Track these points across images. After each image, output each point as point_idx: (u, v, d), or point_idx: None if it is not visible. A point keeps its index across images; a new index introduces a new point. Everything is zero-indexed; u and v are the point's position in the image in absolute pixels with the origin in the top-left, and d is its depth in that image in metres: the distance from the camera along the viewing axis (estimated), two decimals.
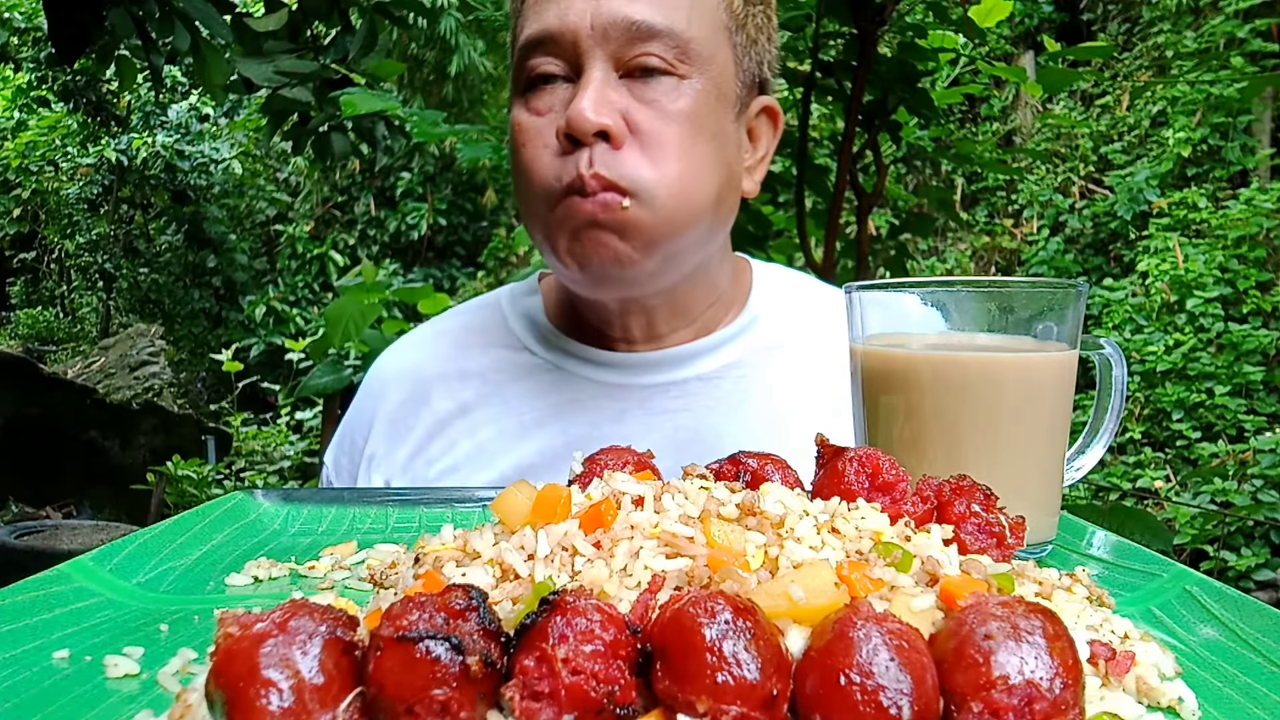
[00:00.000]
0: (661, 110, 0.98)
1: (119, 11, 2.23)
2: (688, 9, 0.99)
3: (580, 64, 0.98)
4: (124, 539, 0.69)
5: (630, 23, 0.97)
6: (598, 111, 0.95)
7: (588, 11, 0.97)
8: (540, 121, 1.01)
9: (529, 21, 1.02)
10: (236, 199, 10.62)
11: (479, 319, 1.23)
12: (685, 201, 1.00)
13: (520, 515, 0.56)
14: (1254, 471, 4.88)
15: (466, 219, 10.54)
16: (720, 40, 1.03)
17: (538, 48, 1.00)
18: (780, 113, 1.15)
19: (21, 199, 10.22)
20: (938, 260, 7.99)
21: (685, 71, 0.99)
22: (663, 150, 0.98)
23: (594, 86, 0.96)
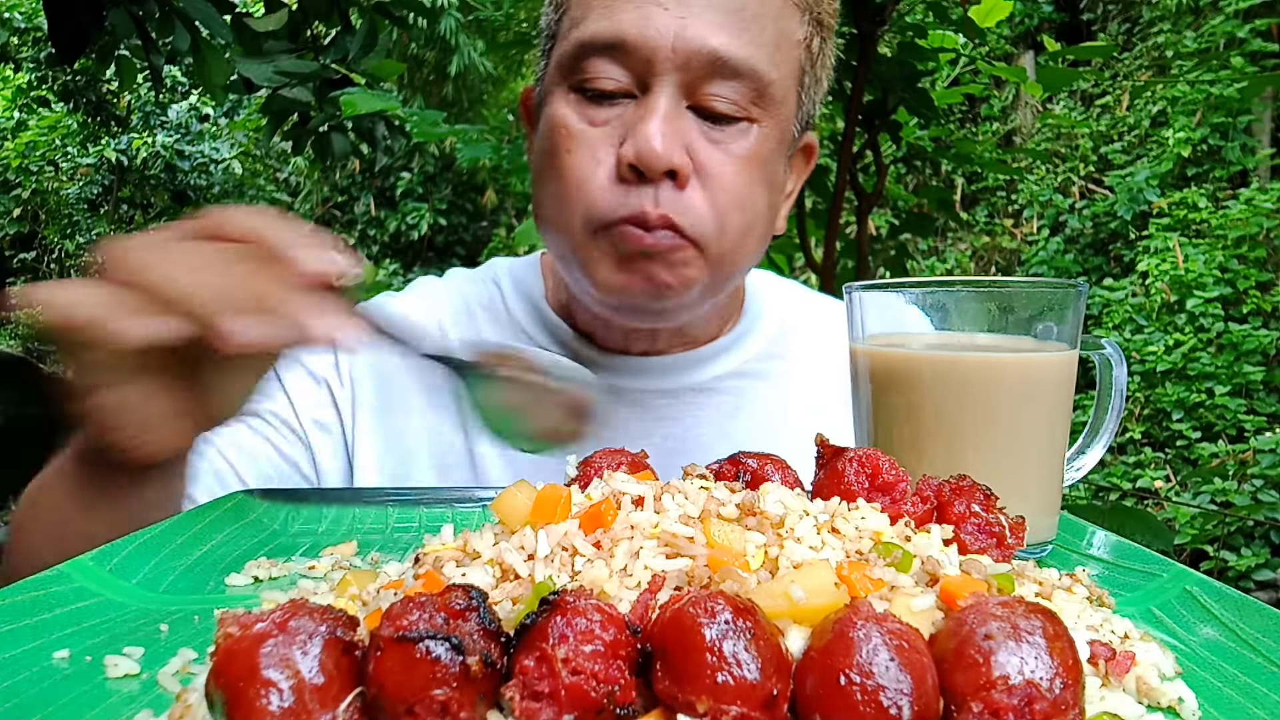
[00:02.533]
0: (726, 152, 0.93)
1: (119, 11, 2.23)
2: (772, 46, 0.93)
3: (649, 82, 0.91)
4: (124, 539, 0.69)
5: (715, 56, 0.90)
6: (668, 147, 0.89)
7: (671, 30, 0.89)
8: (594, 133, 0.93)
9: (596, 14, 0.93)
10: (236, 199, 10.61)
11: (478, 291, 1.18)
12: (739, 249, 0.97)
13: (520, 515, 0.56)
14: (1254, 471, 4.88)
15: (466, 219, 10.54)
16: (793, 82, 0.98)
17: (604, 50, 0.92)
18: (816, 149, 1.12)
19: (21, 199, 10.22)
20: (938, 260, 7.99)
21: (756, 115, 0.94)
22: (726, 196, 0.93)
23: (664, 115, 0.90)
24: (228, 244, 0.68)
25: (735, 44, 0.91)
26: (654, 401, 1.10)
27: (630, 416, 1.10)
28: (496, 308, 1.16)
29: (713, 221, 0.93)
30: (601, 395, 0.77)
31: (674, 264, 0.94)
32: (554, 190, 0.97)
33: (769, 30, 0.93)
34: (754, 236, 0.99)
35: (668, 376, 1.11)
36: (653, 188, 0.91)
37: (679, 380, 1.11)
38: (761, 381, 1.15)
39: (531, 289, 1.16)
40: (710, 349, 1.13)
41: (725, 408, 1.12)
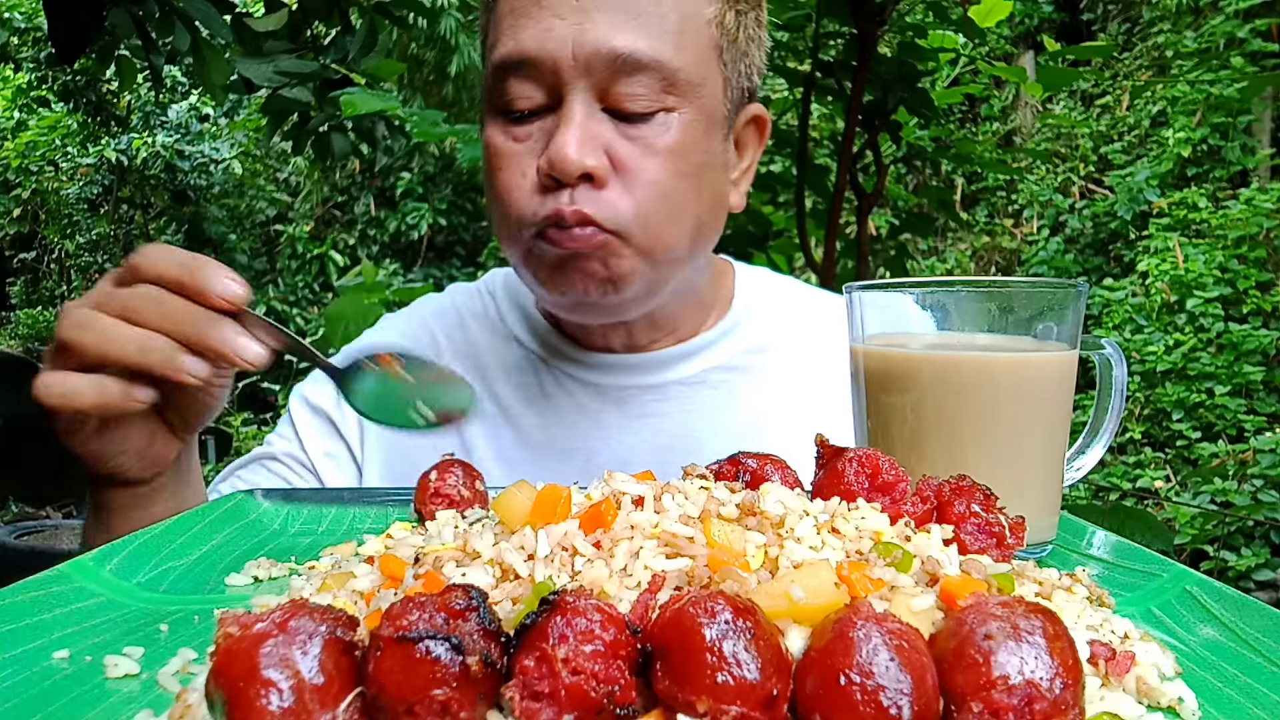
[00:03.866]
0: (647, 146, 0.94)
1: (119, 11, 2.23)
2: (675, 33, 0.94)
3: (560, 93, 0.93)
4: (124, 539, 0.69)
5: (615, 55, 0.91)
6: (581, 153, 0.91)
7: (569, 39, 0.91)
8: (518, 148, 0.97)
9: (504, 37, 0.95)
10: (236, 199, 10.61)
11: (472, 302, 1.23)
12: (665, 238, 0.97)
13: (520, 515, 0.56)
14: (1254, 471, 4.88)
15: (466, 219, 10.54)
16: (710, 62, 0.98)
17: (514, 69, 0.95)
18: (768, 119, 1.12)
19: (21, 199, 10.22)
20: (938, 260, 7.99)
21: (672, 104, 0.95)
22: (646, 188, 0.94)
23: (576, 123, 0.91)
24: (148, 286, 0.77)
25: (635, 39, 0.92)
26: (640, 397, 1.11)
27: (618, 413, 1.11)
28: (490, 316, 1.20)
29: (632, 212, 0.94)
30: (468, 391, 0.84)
31: (604, 259, 0.95)
32: (494, 208, 1.02)
33: (670, 17, 0.94)
34: (684, 221, 0.99)
35: (653, 372, 1.12)
36: (569, 191, 0.93)
37: (663, 375, 1.12)
38: (751, 375, 1.15)
39: (522, 296, 1.19)
40: (695, 343, 1.14)
41: (714, 402, 1.13)
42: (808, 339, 1.18)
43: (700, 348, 1.14)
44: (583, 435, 1.10)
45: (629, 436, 1.10)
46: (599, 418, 1.11)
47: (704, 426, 1.10)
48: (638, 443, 1.09)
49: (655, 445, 1.08)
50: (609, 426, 1.10)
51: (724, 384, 1.14)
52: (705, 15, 0.97)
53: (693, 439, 1.09)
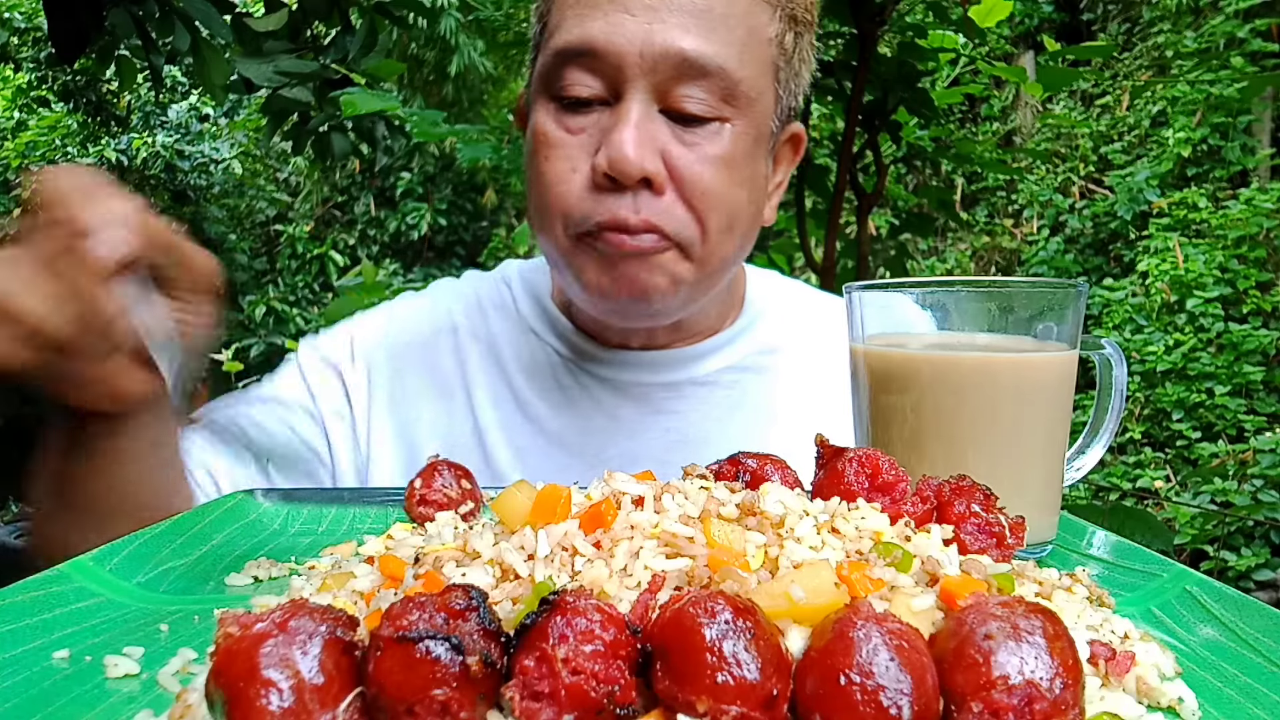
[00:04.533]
0: (701, 154, 0.94)
1: (119, 11, 2.23)
2: (741, 45, 0.94)
3: (620, 90, 0.93)
4: (124, 539, 0.69)
5: (682, 57, 0.91)
6: (640, 154, 0.90)
7: (638, 36, 0.91)
8: (571, 140, 0.95)
9: (569, 23, 0.94)
10: (236, 199, 10.61)
11: (491, 291, 1.22)
12: (721, 249, 0.98)
13: (520, 515, 0.56)
14: (1254, 471, 4.88)
15: (466, 219, 10.54)
16: (767, 79, 0.99)
17: (576, 58, 0.94)
18: (804, 137, 1.12)
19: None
20: (938, 260, 7.99)
21: (728, 114, 0.95)
22: (704, 199, 0.94)
23: (634, 122, 0.91)
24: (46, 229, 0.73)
25: (703, 45, 0.91)
26: (655, 394, 1.12)
27: (632, 409, 1.11)
28: (506, 305, 1.19)
29: (694, 225, 0.95)
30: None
31: (658, 265, 0.96)
32: (536, 197, 1.00)
33: (737, 30, 0.94)
34: (736, 234, 1.00)
35: (668, 370, 1.12)
36: (630, 195, 0.92)
37: (679, 374, 1.13)
38: (761, 375, 1.16)
39: (539, 288, 1.19)
40: (710, 343, 1.14)
41: (726, 400, 1.13)
42: (815, 340, 1.19)
43: (715, 347, 1.15)
44: (598, 430, 1.11)
45: (644, 432, 1.10)
46: (615, 413, 1.11)
47: (716, 427, 1.11)
48: (652, 440, 1.10)
49: (667, 443, 1.09)
50: (625, 422, 1.11)
51: (737, 384, 1.14)
52: (768, 33, 0.98)
53: (706, 437, 1.10)
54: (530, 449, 1.10)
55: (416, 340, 1.17)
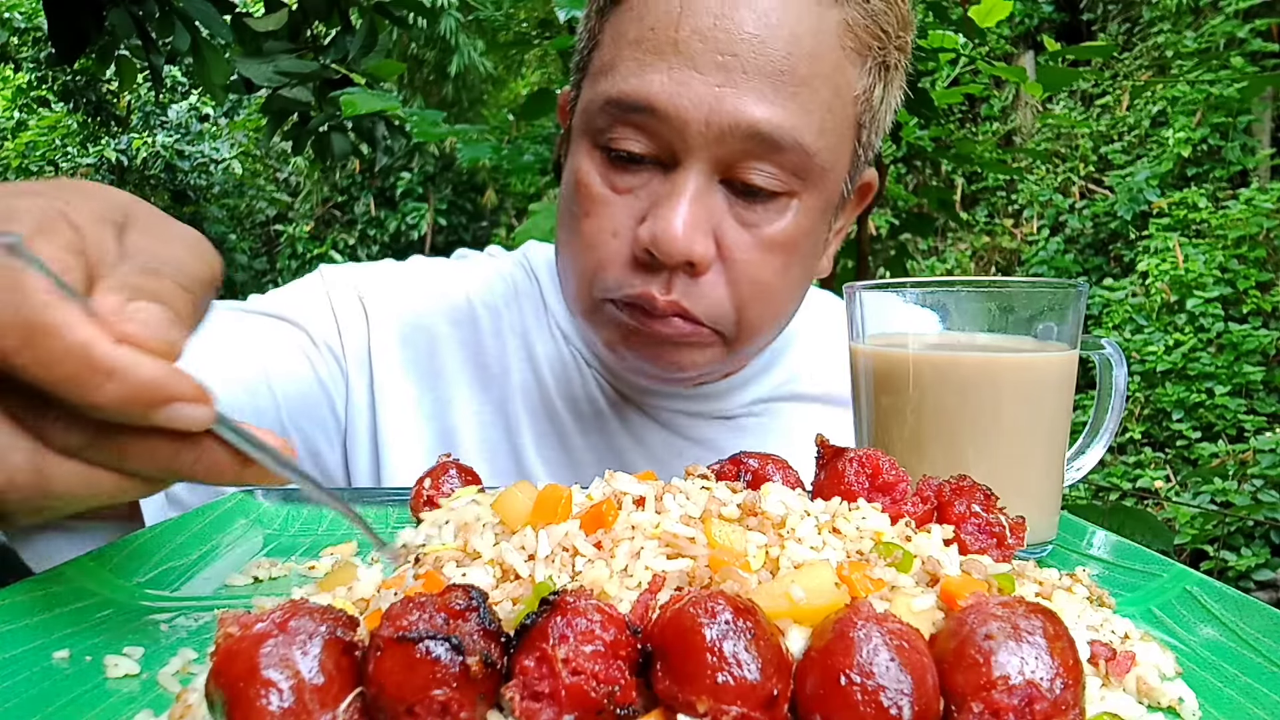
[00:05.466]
0: (759, 237, 0.85)
1: (119, 11, 2.23)
2: (823, 111, 0.82)
3: (679, 156, 0.82)
4: (124, 539, 0.69)
5: (754, 131, 0.80)
6: (690, 237, 0.80)
7: (706, 101, 0.79)
8: (616, 201, 0.86)
9: (627, 71, 0.82)
10: (236, 199, 10.62)
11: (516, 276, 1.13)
12: (757, 332, 0.91)
13: (520, 515, 0.56)
14: (1254, 471, 4.88)
15: (466, 219, 10.54)
16: (846, 142, 0.88)
17: (631, 112, 0.82)
18: (875, 184, 1.02)
19: None
20: (938, 260, 7.99)
21: (797, 189, 0.84)
22: (749, 286, 0.86)
23: (689, 199, 0.81)
24: None
25: (779, 115, 0.80)
26: (683, 422, 1.07)
27: (659, 435, 1.07)
28: (535, 298, 1.10)
29: (731, 311, 0.87)
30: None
31: (685, 347, 0.89)
32: (569, 248, 0.92)
33: (821, 92, 0.83)
34: (778, 313, 0.93)
35: (698, 401, 1.07)
36: (666, 273, 0.84)
37: (710, 406, 1.08)
38: (795, 404, 1.12)
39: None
40: (741, 377, 1.09)
41: (758, 432, 1.09)
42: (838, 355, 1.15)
43: (746, 380, 1.09)
44: (620, 448, 1.05)
45: (672, 460, 1.05)
46: (642, 437, 1.06)
47: None
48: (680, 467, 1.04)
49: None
50: (650, 447, 1.06)
51: (770, 413, 1.10)
52: (855, 91, 0.87)
53: None
54: (556, 462, 1.05)
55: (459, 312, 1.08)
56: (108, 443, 0.47)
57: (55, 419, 0.46)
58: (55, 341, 0.43)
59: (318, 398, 0.99)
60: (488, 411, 1.06)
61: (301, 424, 0.99)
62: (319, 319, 1.01)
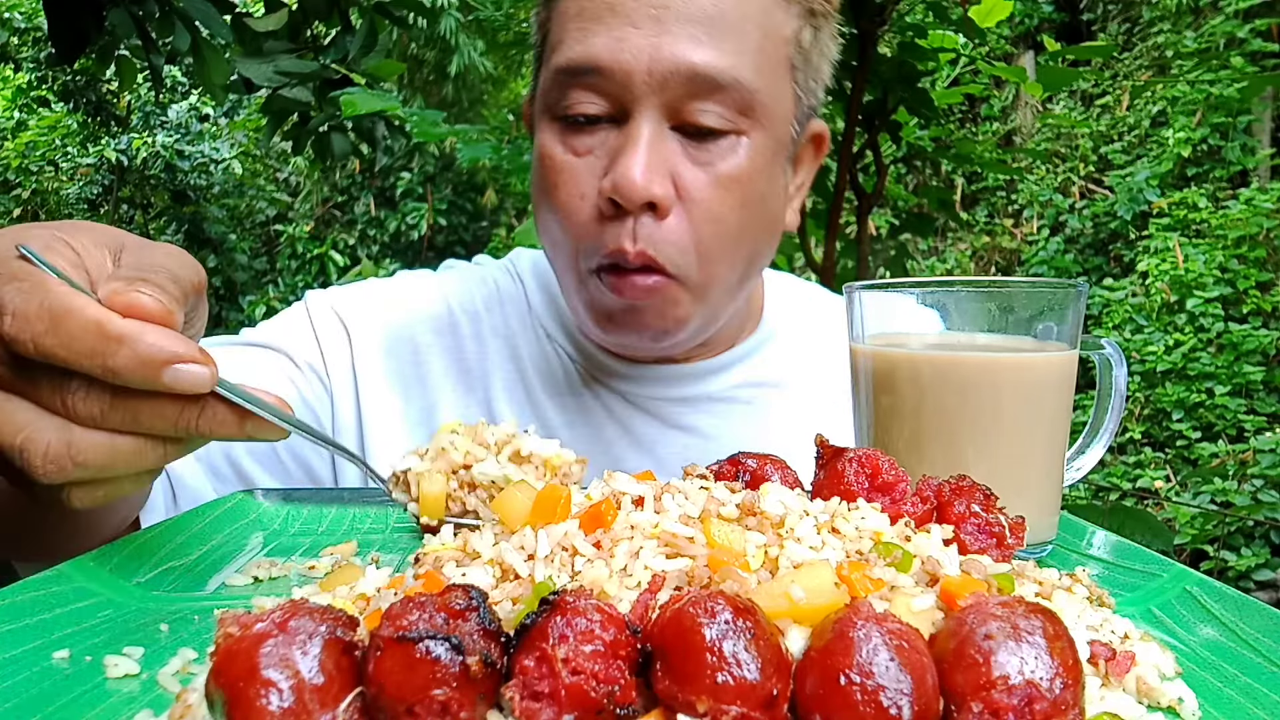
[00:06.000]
0: (714, 174, 0.90)
1: (119, 11, 2.23)
2: (756, 51, 0.89)
3: (629, 108, 0.88)
4: (124, 539, 0.69)
5: (694, 72, 0.86)
6: (648, 179, 0.86)
7: (645, 51, 0.85)
8: (578, 164, 0.91)
9: (571, 40, 0.89)
10: (236, 199, 10.62)
11: (505, 282, 1.17)
12: (722, 276, 0.95)
13: (520, 515, 0.56)
14: (1254, 471, 4.88)
15: (466, 219, 10.54)
16: (784, 83, 0.93)
17: (580, 75, 0.89)
18: (827, 135, 1.07)
19: (21, 199, 10.22)
20: (938, 260, 7.99)
21: (745, 127, 0.90)
22: (709, 224, 0.90)
23: (644, 144, 0.86)
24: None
25: (715, 56, 0.86)
26: (670, 409, 1.09)
27: (647, 424, 1.08)
28: (519, 301, 1.15)
29: (692, 252, 0.91)
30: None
31: (662, 307, 0.93)
32: (546, 222, 0.97)
33: (752, 35, 0.89)
34: (738, 259, 0.96)
35: (683, 385, 1.09)
36: (631, 220, 0.88)
37: (696, 389, 1.10)
38: (781, 390, 1.13)
39: (552, 287, 1.15)
40: (728, 357, 1.11)
41: (744, 416, 1.10)
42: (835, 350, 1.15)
43: (732, 362, 1.11)
44: (611, 442, 1.08)
45: (660, 447, 1.07)
46: (629, 427, 1.08)
47: (736, 441, 1.08)
48: (668, 455, 1.07)
49: (686, 459, 1.05)
50: (640, 435, 1.08)
51: (755, 399, 1.12)
52: (784, 33, 0.93)
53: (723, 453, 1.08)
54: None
55: (440, 320, 1.12)
56: (123, 407, 0.55)
57: (75, 390, 0.55)
58: (74, 320, 0.52)
59: (303, 417, 1.04)
60: (473, 413, 1.08)
61: (290, 441, 1.02)
62: (301, 342, 1.07)
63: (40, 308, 0.53)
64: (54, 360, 0.53)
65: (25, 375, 0.55)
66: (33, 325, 0.53)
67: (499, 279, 1.17)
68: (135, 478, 0.61)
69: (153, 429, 0.57)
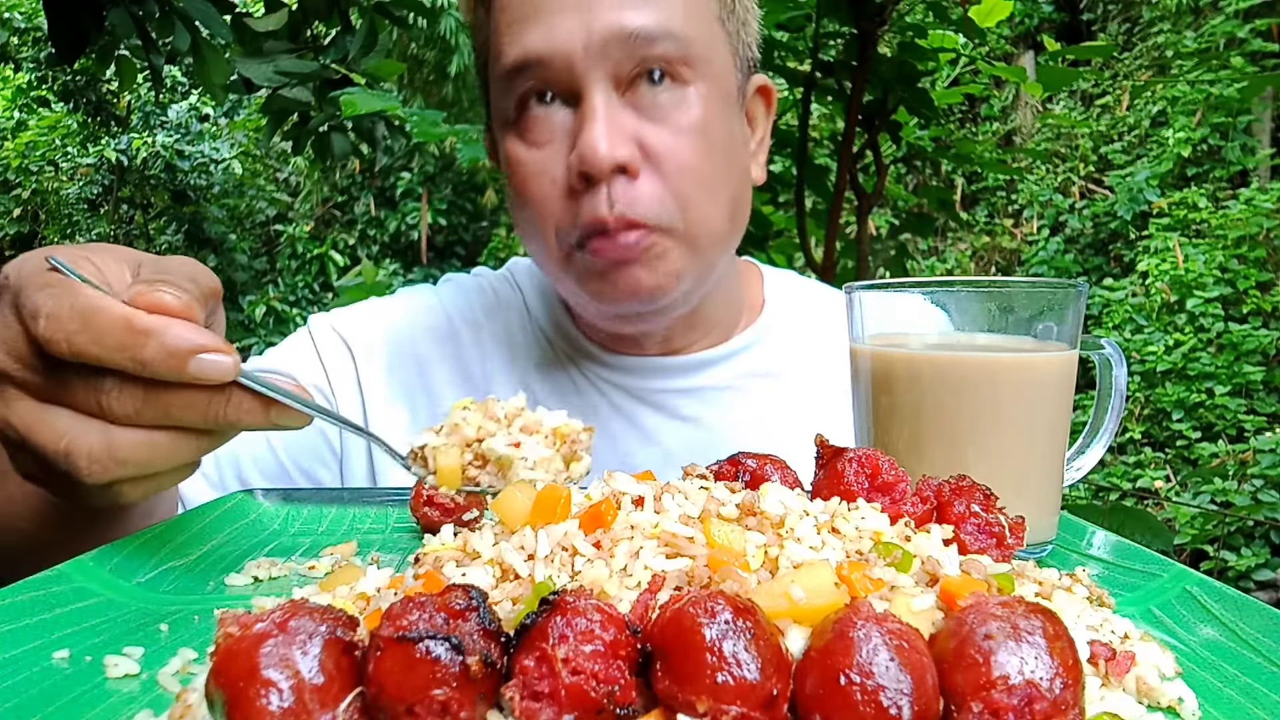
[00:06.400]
0: (674, 127, 0.93)
1: (119, 11, 2.23)
2: (681, 5, 0.93)
3: (577, 88, 0.91)
4: (124, 539, 0.69)
5: (628, 33, 0.89)
6: (611, 145, 0.88)
7: (577, 30, 0.89)
8: (541, 156, 0.94)
9: (506, 44, 0.93)
10: (236, 199, 10.62)
11: (502, 288, 1.19)
12: (707, 221, 0.96)
13: (520, 515, 0.56)
14: (1254, 471, 4.88)
15: (466, 219, 10.54)
16: (716, 34, 0.97)
17: (523, 73, 0.92)
18: (773, 89, 1.11)
19: (21, 199, 10.22)
20: (938, 260, 7.99)
21: (689, 77, 0.93)
22: (681, 174, 0.93)
23: (600, 116, 0.89)
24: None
25: (643, 15, 0.90)
26: (672, 401, 1.10)
27: (651, 415, 1.09)
28: (519, 309, 1.17)
29: (673, 202, 0.93)
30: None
31: (652, 261, 0.94)
32: (523, 221, 0.99)
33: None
34: (720, 200, 0.98)
35: (685, 376, 1.10)
36: (605, 188, 0.90)
37: (696, 380, 1.11)
38: (782, 381, 1.14)
39: (547, 290, 1.17)
40: (727, 348, 1.12)
41: (746, 407, 1.11)
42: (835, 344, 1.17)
43: (732, 352, 1.13)
44: (613, 434, 1.09)
45: (662, 440, 1.08)
46: (632, 420, 1.09)
47: (734, 433, 1.09)
48: (670, 447, 1.08)
49: (686, 451, 1.07)
50: (642, 429, 1.09)
51: (756, 390, 1.12)
52: None
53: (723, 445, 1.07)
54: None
55: (440, 331, 1.14)
56: (155, 401, 0.59)
57: (109, 389, 0.58)
58: (104, 318, 0.56)
59: (311, 436, 1.07)
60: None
61: (300, 460, 1.07)
62: (305, 365, 1.10)
63: (72, 309, 0.57)
64: (87, 358, 0.57)
65: (59, 380, 0.59)
66: (65, 325, 0.56)
67: (497, 287, 1.19)
68: (176, 471, 0.64)
69: (184, 421, 0.60)
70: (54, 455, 0.59)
